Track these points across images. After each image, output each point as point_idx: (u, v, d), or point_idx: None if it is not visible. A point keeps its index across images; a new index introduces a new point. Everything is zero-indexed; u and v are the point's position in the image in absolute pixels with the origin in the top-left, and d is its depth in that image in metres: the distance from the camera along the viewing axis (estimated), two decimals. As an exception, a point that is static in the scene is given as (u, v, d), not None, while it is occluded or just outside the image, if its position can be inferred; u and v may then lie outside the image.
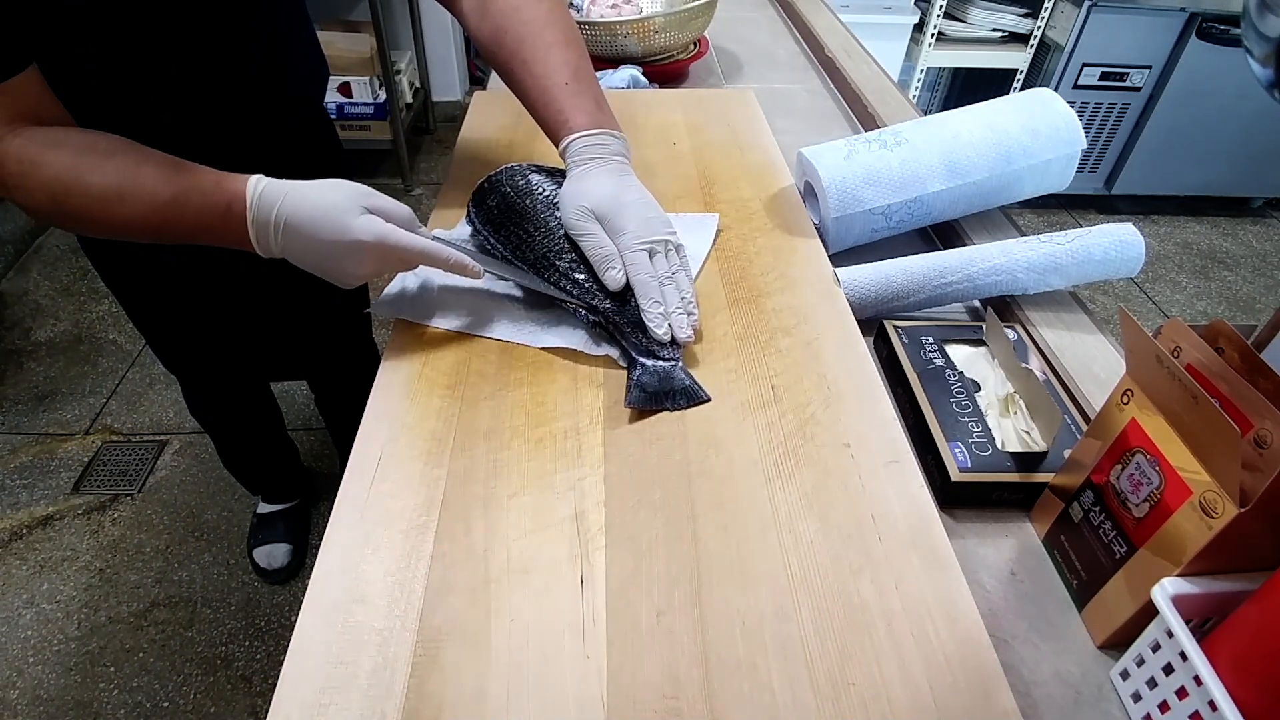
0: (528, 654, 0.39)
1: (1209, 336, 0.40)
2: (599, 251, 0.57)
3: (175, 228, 0.54)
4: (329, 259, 0.53)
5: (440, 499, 0.46)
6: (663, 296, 0.55)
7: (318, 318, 1.00)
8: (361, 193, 0.54)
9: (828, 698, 0.37)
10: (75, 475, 1.57)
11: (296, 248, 0.54)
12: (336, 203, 0.52)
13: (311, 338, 1.03)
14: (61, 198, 0.52)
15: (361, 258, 0.53)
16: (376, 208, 0.54)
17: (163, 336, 0.96)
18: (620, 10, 1.12)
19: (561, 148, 0.62)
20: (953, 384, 0.57)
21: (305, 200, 0.52)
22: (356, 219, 0.52)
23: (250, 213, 0.52)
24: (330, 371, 1.20)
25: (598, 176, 0.59)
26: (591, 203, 0.58)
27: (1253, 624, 0.35)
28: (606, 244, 0.57)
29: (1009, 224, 0.79)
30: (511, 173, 0.69)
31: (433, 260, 0.55)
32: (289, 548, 1.40)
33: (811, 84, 1.16)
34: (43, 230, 2.23)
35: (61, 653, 1.28)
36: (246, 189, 0.52)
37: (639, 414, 0.52)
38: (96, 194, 0.52)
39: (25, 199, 0.53)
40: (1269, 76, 0.51)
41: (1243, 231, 2.55)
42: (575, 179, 0.60)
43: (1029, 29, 2.37)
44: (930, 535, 0.45)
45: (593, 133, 0.60)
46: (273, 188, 0.53)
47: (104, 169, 0.52)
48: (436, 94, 2.90)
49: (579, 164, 0.60)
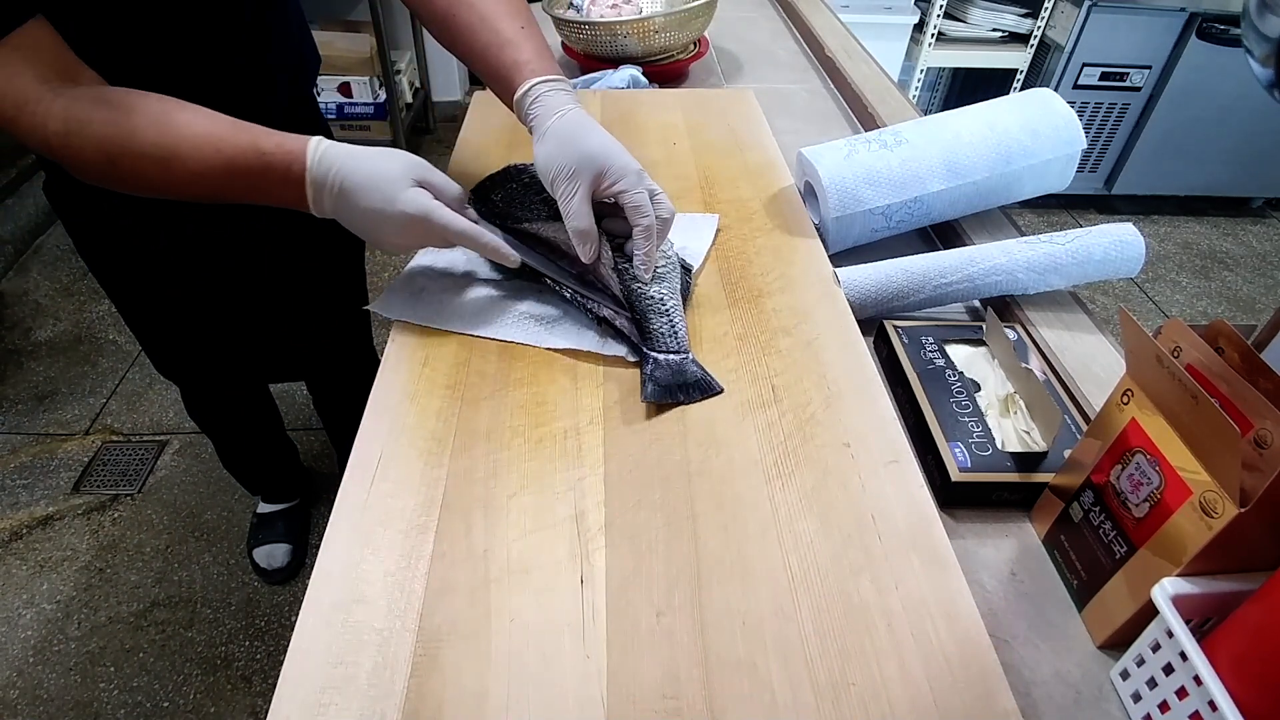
0: (528, 654, 0.39)
1: (1209, 336, 0.40)
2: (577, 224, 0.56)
3: (233, 187, 0.55)
4: (374, 225, 0.55)
5: (440, 499, 0.46)
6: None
7: (314, 319, 0.99)
8: (416, 164, 0.55)
9: (828, 698, 0.37)
10: (75, 475, 1.57)
11: (346, 211, 0.55)
12: (389, 172, 0.53)
13: (308, 339, 1.03)
14: (117, 157, 0.52)
15: (404, 229, 0.54)
16: (428, 182, 0.55)
17: (158, 340, 0.95)
18: (620, 10, 1.12)
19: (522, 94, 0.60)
20: (953, 384, 0.57)
21: (360, 166, 0.54)
22: (405, 191, 0.53)
23: (310, 174, 0.54)
24: (328, 372, 1.19)
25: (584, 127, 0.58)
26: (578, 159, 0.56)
27: (1253, 624, 0.35)
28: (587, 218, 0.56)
29: (1009, 224, 0.79)
30: (519, 170, 0.69)
31: (472, 242, 0.56)
32: (289, 548, 1.40)
33: (811, 84, 1.16)
34: (43, 230, 2.23)
35: (61, 653, 1.28)
36: (307, 150, 0.54)
37: (639, 411, 0.52)
38: (153, 153, 0.52)
39: (75, 158, 0.53)
40: (1269, 76, 0.51)
41: (1243, 231, 2.55)
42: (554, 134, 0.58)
43: (1029, 29, 2.37)
44: (930, 535, 0.45)
45: (551, 79, 0.60)
46: (332, 150, 0.54)
47: (159, 127, 0.52)
48: (436, 94, 2.90)
49: (552, 113, 0.58)
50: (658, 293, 0.57)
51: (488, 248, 0.57)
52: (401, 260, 2.18)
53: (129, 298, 0.88)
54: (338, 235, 0.60)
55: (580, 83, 1.05)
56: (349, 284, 1.03)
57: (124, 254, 0.81)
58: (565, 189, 0.56)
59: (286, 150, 0.54)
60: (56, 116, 0.51)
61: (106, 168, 0.53)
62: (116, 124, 0.52)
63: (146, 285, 0.84)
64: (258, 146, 0.53)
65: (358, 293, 1.05)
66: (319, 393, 1.30)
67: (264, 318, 0.93)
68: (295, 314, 0.95)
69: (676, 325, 0.56)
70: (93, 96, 0.53)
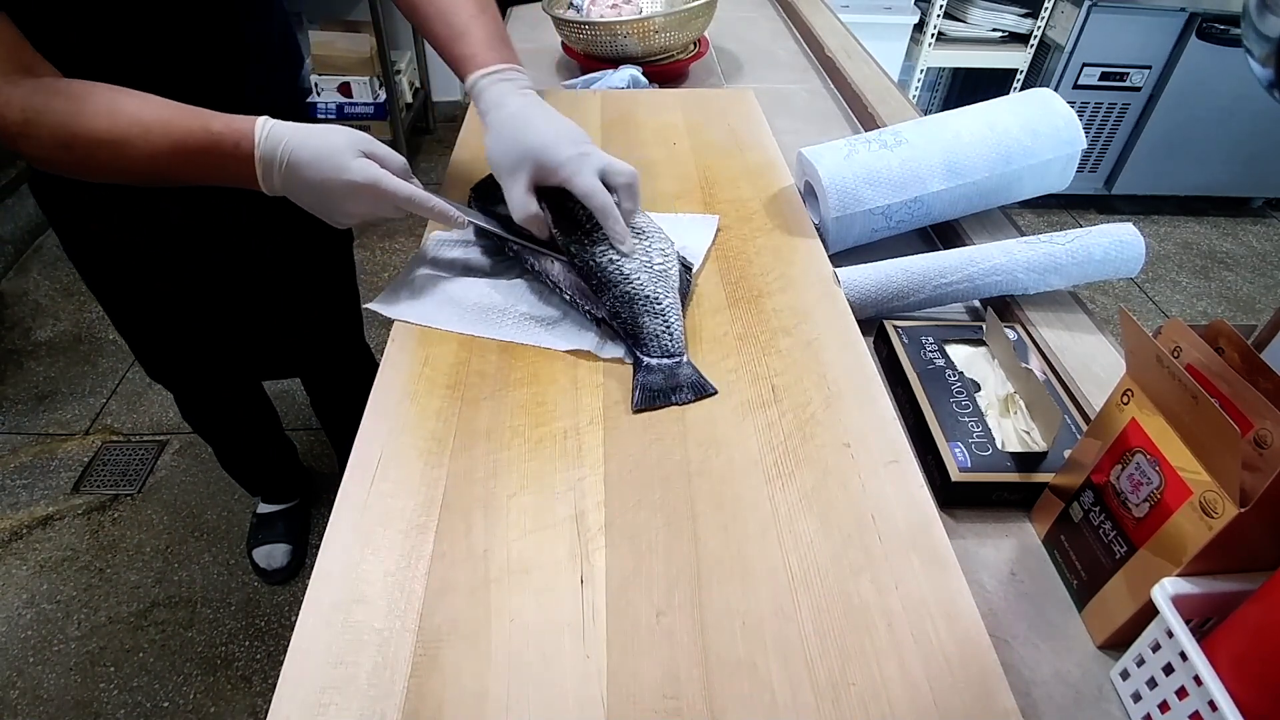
0: (528, 654, 0.39)
1: (1209, 336, 0.40)
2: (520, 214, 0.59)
3: (185, 167, 0.57)
4: (324, 196, 0.57)
5: (440, 499, 0.46)
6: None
7: (303, 312, 0.99)
8: (360, 138, 0.57)
9: (828, 698, 0.37)
10: (75, 475, 1.57)
11: (296, 185, 0.57)
12: (336, 144, 0.55)
13: (297, 333, 1.02)
14: (70, 143, 0.54)
15: (353, 196, 0.56)
16: (373, 153, 0.57)
17: (147, 341, 0.95)
18: (620, 10, 1.12)
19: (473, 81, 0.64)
20: (953, 384, 0.57)
21: (307, 140, 0.56)
22: (353, 160, 0.55)
23: (258, 150, 0.55)
24: (320, 367, 1.19)
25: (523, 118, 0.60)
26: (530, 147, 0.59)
27: (1253, 624, 0.35)
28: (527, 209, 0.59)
29: (1009, 224, 0.79)
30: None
31: (419, 206, 0.58)
32: (289, 548, 1.40)
33: (811, 84, 1.16)
34: (43, 230, 2.23)
35: (61, 653, 1.28)
36: (255, 128, 0.56)
37: (644, 412, 0.52)
38: (106, 137, 0.54)
39: (33, 147, 0.55)
40: (1269, 76, 0.51)
41: (1243, 231, 2.55)
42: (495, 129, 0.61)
43: (1029, 29, 2.37)
44: (930, 535, 0.45)
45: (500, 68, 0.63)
46: (279, 128, 0.56)
47: (112, 113, 0.54)
48: (436, 94, 2.90)
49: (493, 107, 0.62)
50: (653, 291, 0.57)
51: (434, 211, 0.59)
52: (402, 260, 2.18)
53: (116, 297, 0.88)
54: (323, 227, 0.62)
55: (580, 83, 1.05)
56: (337, 276, 1.03)
57: (110, 251, 0.81)
58: (507, 183, 0.60)
59: (235, 129, 0.55)
60: (15, 107, 0.53)
61: (62, 153, 0.55)
62: (69, 112, 0.54)
63: (133, 283, 0.84)
64: (207, 127, 0.55)
65: (347, 285, 1.06)
66: (314, 390, 1.30)
67: (252, 312, 0.93)
68: (284, 308, 0.95)
69: (672, 326, 0.56)
70: (48, 88, 0.54)
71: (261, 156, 0.56)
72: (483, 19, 0.66)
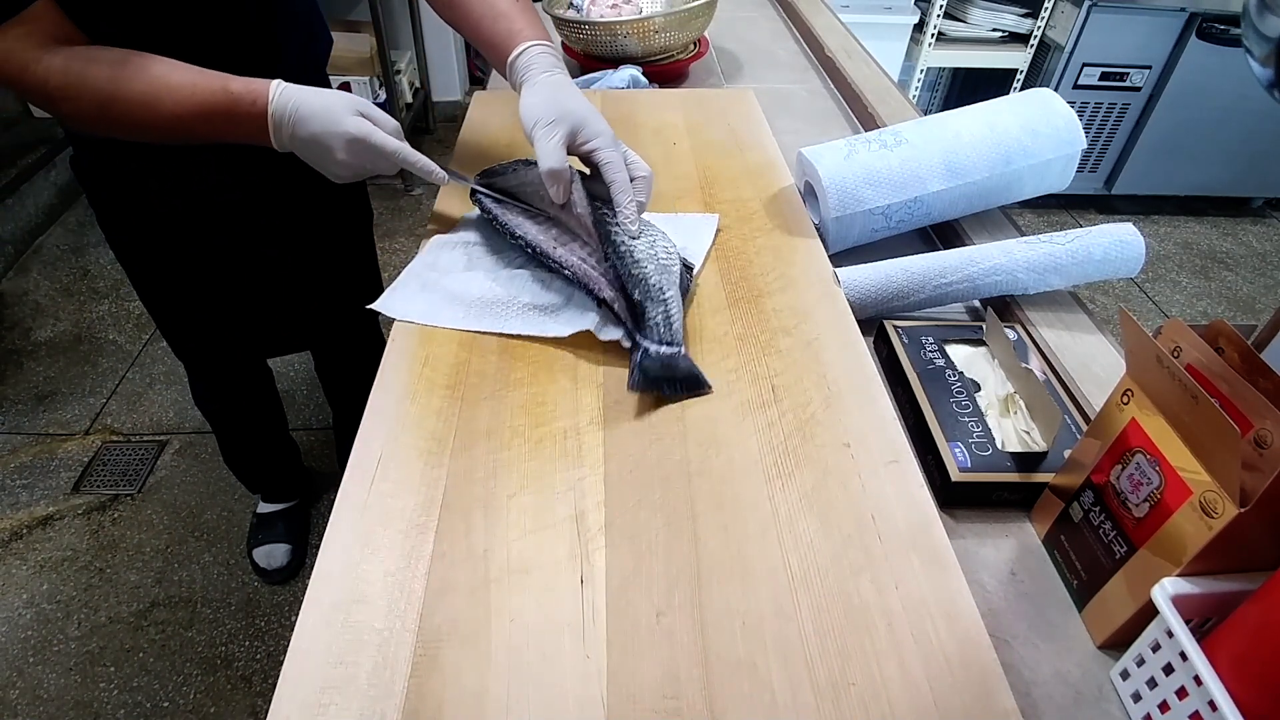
0: (528, 654, 0.39)
1: (1209, 336, 0.40)
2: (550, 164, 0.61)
3: (207, 124, 0.63)
4: (322, 148, 0.63)
5: (440, 499, 0.46)
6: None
7: (325, 282, 1.01)
8: (359, 101, 0.64)
9: (828, 698, 0.37)
10: (75, 475, 1.57)
11: (301, 138, 0.63)
12: (335, 103, 0.63)
13: (319, 301, 1.04)
14: (108, 103, 0.60)
15: (347, 148, 0.62)
16: (369, 115, 0.63)
17: (172, 308, 0.97)
18: (620, 10, 1.12)
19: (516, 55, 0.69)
20: (953, 384, 0.57)
21: (312, 99, 0.63)
22: (349, 117, 0.62)
23: (271, 107, 0.62)
24: (335, 340, 1.21)
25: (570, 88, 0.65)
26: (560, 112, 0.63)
27: (1253, 624, 0.35)
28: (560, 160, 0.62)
29: (1009, 224, 0.79)
30: (526, 161, 0.69)
31: (405, 161, 0.64)
32: (289, 548, 1.40)
33: (811, 84, 1.16)
34: (43, 230, 2.23)
35: (61, 653, 1.28)
36: (269, 89, 0.62)
37: (639, 411, 0.52)
38: (139, 98, 0.61)
39: (72, 109, 0.61)
40: (1269, 76, 0.51)
41: (1243, 231, 2.55)
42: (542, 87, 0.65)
43: (1029, 29, 2.37)
44: (930, 535, 0.45)
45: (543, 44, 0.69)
46: (289, 89, 0.63)
47: (143, 76, 0.61)
48: (436, 94, 2.90)
49: (542, 70, 0.67)
50: (658, 281, 0.57)
51: (417, 166, 0.64)
52: (402, 260, 2.18)
53: (146, 264, 0.91)
54: (347, 200, 0.65)
55: (580, 83, 1.05)
56: (359, 249, 1.06)
57: (145, 220, 0.84)
58: (544, 133, 0.62)
59: (252, 89, 0.62)
60: (57, 71, 0.59)
61: (100, 113, 0.61)
62: (109, 76, 0.60)
63: (164, 249, 0.88)
64: (226, 87, 0.62)
65: (367, 258, 1.09)
66: (325, 365, 1.30)
67: (277, 281, 0.95)
68: (307, 276, 0.98)
69: (672, 316, 0.56)
70: (87, 55, 0.61)
71: (274, 113, 0.62)
72: (525, 4, 0.73)
